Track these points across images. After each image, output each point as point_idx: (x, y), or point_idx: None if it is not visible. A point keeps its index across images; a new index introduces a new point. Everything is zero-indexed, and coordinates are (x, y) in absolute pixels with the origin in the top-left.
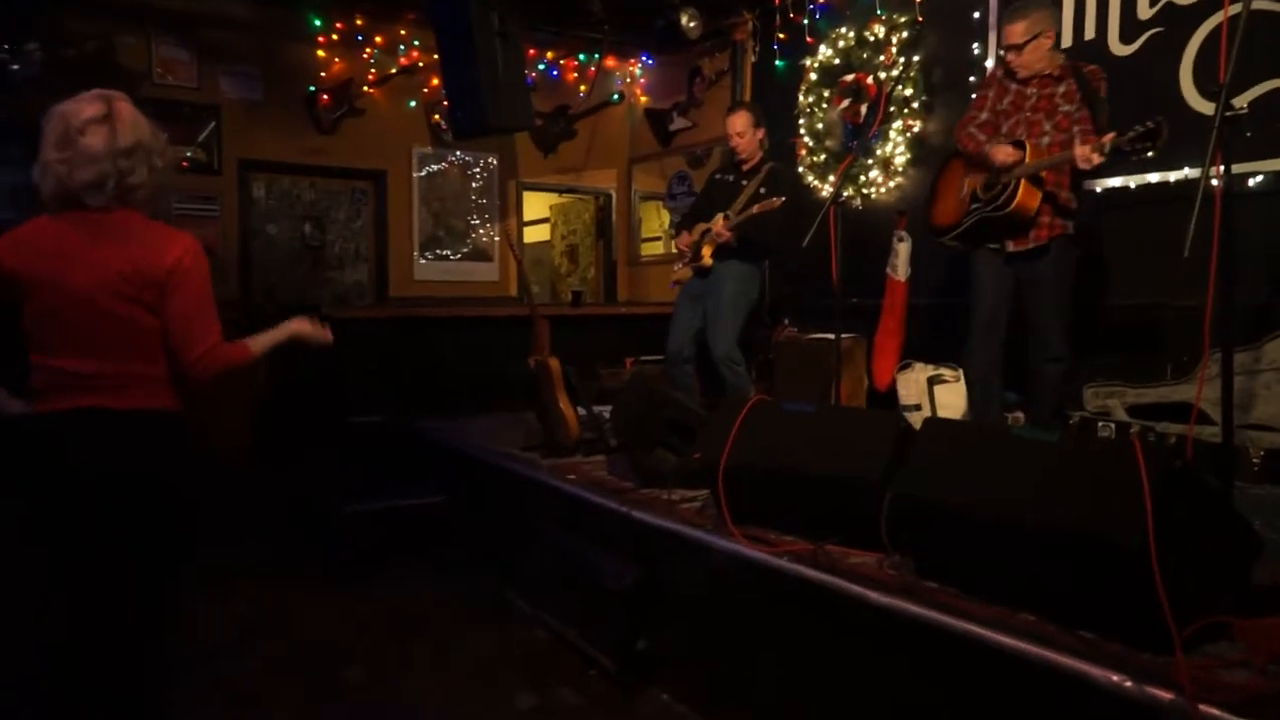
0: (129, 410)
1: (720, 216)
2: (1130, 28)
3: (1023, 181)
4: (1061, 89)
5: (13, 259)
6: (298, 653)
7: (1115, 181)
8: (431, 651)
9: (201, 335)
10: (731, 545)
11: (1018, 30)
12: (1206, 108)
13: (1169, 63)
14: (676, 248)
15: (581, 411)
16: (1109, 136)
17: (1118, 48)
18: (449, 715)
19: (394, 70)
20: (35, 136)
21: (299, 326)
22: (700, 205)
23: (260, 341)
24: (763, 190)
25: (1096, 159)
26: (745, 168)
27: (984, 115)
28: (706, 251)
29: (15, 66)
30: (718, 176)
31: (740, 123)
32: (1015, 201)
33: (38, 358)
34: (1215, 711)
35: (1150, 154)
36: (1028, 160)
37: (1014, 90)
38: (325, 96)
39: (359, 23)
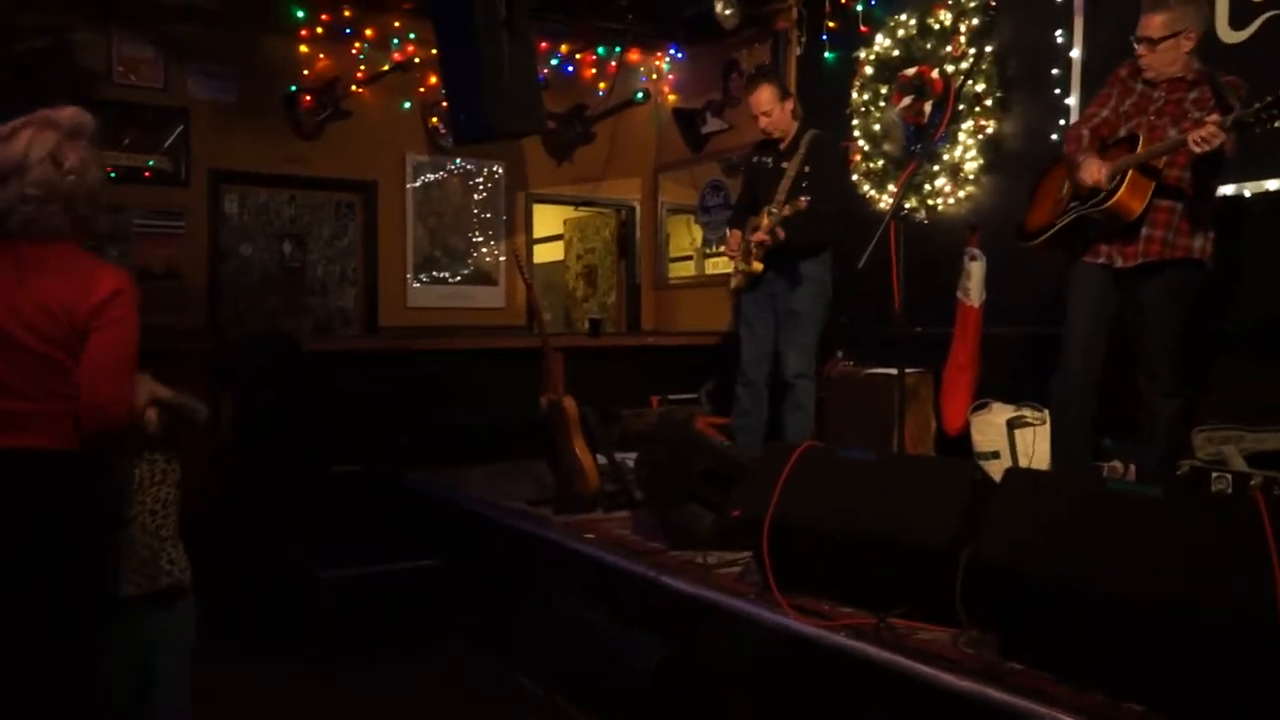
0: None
1: (765, 213)
2: (1242, 11)
3: (1130, 174)
4: (1193, 95)
5: None
6: None
7: (1228, 189)
8: None
9: (108, 391)
10: (778, 617)
11: (1155, 23)
12: None
13: None
14: (726, 252)
15: (601, 459)
16: (1227, 116)
17: (1227, 34)
18: None
19: (386, 67)
20: None
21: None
22: (744, 199)
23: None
24: (807, 169)
25: (1214, 135)
26: (782, 146)
27: (1104, 114)
28: (755, 254)
29: None
30: (755, 160)
31: (764, 99)
32: (1116, 196)
33: None
34: None
35: (1279, 123)
36: (1139, 151)
37: (1138, 92)
38: (308, 97)
39: (347, 14)
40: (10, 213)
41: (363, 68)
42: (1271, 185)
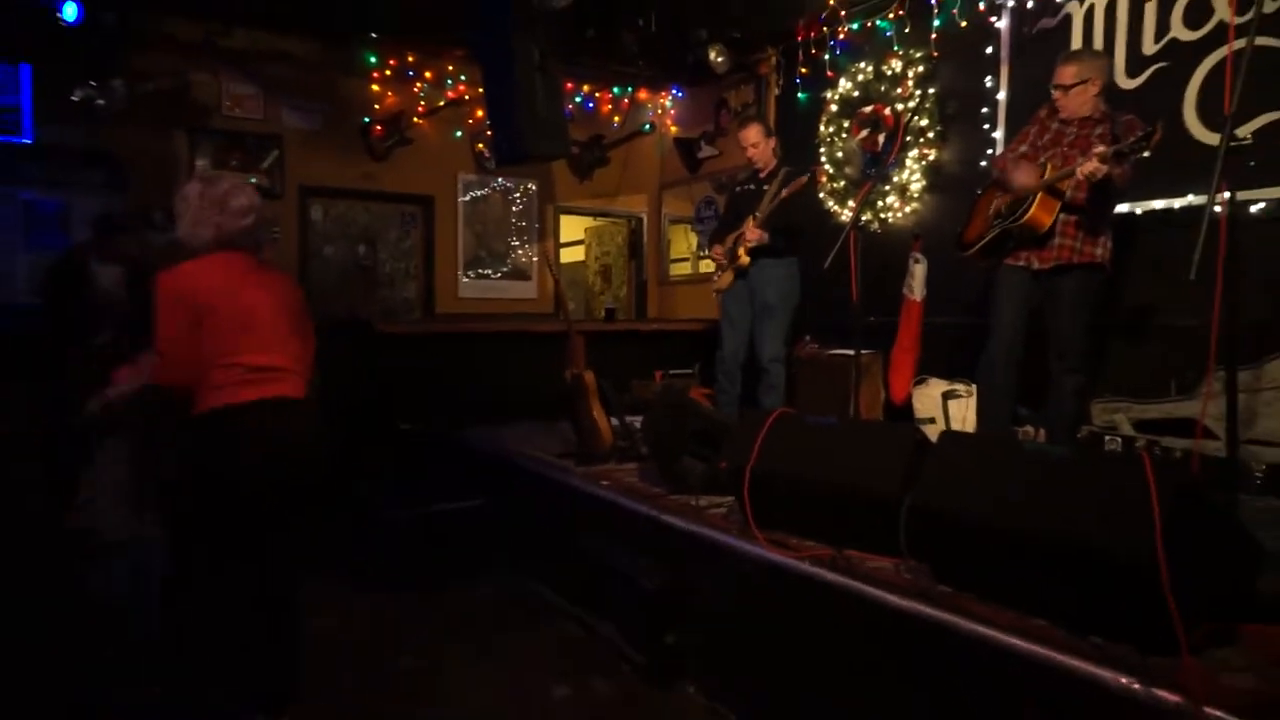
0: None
1: (750, 219)
2: (1136, 62)
3: (1039, 196)
4: (1098, 131)
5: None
6: (349, 646)
7: (1123, 208)
8: (473, 644)
9: None
10: (755, 549)
11: (1068, 73)
12: (1210, 138)
13: (1173, 96)
14: (712, 260)
15: (614, 421)
16: (1108, 149)
17: (1124, 82)
18: (489, 704)
19: (442, 103)
20: (119, 164)
21: None
22: (727, 219)
23: None
24: (783, 191)
25: (1098, 169)
26: (763, 175)
27: (1023, 148)
28: (742, 252)
29: (101, 101)
30: (739, 189)
31: (753, 135)
32: (1028, 214)
33: (222, 361)
34: (1220, 714)
35: (1146, 153)
36: (1046, 177)
37: (1054, 129)
38: (379, 127)
39: (410, 59)
40: (253, 232)
41: (423, 103)
42: (1157, 204)
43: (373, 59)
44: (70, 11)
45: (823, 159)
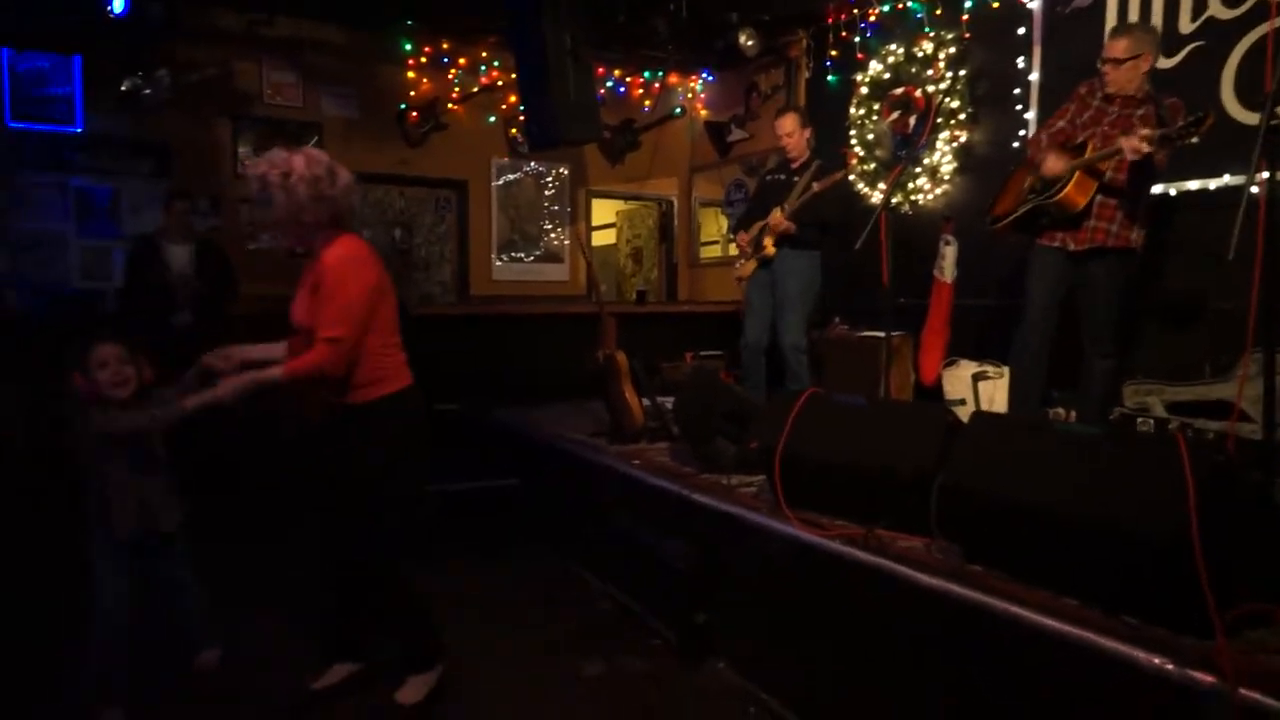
0: None
1: (776, 210)
2: (1172, 42)
3: (1076, 175)
4: (1140, 112)
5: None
6: None
7: (1157, 189)
8: (507, 621)
9: None
10: (786, 528)
11: (1120, 46)
12: (1248, 118)
13: (1210, 75)
14: (737, 246)
15: (645, 402)
16: (1155, 132)
17: (1160, 61)
18: (522, 680)
19: (475, 89)
20: (165, 152)
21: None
22: (754, 206)
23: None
24: (814, 185)
25: (1145, 148)
26: (795, 165)
27: (1060, 124)
28: (768, 242)
29: (148, 91)
30: (769, 177)
31: (789, 124)
32: (1064, 192)
33: (392, 340)
34: (1256, 695)
35: (1195, 139)
36: (1086, 156)
37: (1095, 107)
38: (414, 113)
39: (445, 46)
40: (354, 212)
41: (457, 90)
42: (1192, 185)
43: (408, 46)
44: (118, 4)
45: (853, 141)
